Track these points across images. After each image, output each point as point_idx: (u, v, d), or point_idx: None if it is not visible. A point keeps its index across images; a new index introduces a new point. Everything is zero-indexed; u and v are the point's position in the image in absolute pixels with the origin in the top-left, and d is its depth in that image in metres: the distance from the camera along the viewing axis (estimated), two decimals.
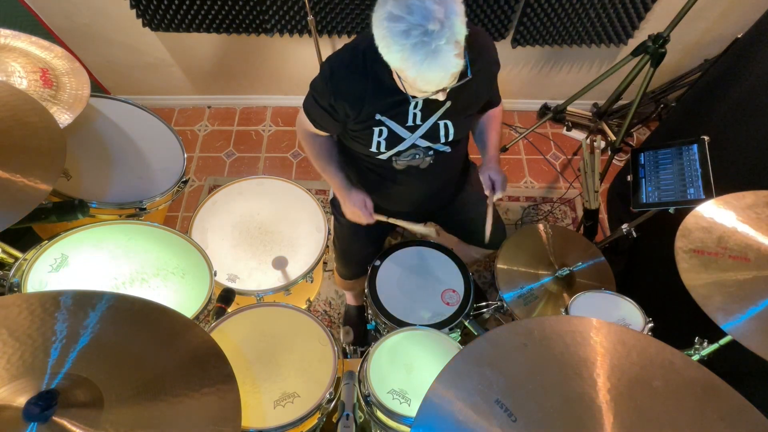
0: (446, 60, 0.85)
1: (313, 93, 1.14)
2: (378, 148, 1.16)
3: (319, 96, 1.12)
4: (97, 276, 1.11)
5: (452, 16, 0.83)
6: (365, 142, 1.16)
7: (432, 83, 0.92)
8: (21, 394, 0.62)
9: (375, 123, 1.12)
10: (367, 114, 1.11)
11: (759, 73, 1.41)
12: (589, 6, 2.01)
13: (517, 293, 1.38)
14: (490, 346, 0.69)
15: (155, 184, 1.39)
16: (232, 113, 2.66)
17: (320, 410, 1.07)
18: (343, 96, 1.07)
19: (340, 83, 1.07)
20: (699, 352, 1.07)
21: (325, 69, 1.09)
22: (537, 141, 2.60)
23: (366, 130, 1.14)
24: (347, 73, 1.07)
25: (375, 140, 1.15)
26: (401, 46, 0.84)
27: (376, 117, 1.11)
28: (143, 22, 2.08)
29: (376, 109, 1.10)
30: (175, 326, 0.77)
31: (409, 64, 0.86)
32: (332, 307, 2.05)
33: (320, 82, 1.10)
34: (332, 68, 1.08)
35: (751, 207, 1.01)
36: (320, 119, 1.17)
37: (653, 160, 1.42)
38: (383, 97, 1.07)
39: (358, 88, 1.06)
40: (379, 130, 1.13)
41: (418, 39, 0.82)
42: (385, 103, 1.09)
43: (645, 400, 0.63)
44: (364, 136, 1.15)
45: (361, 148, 1.20)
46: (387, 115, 1.11)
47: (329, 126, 1.19)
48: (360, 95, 1.07)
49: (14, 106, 1.00)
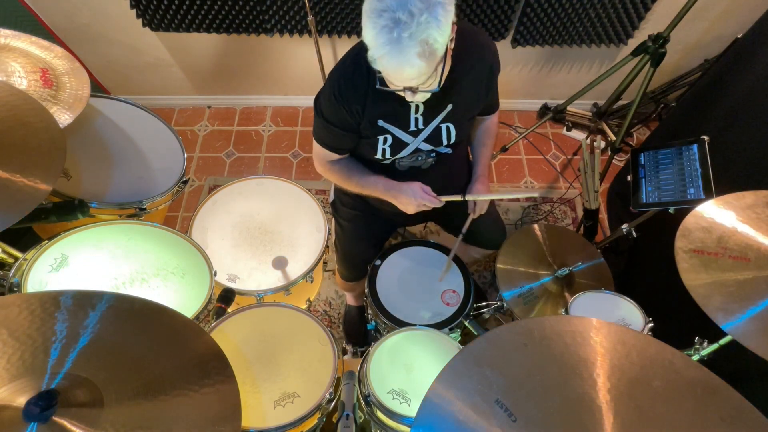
0: (405, 54, 0.85)
1: (321, 115, 1.14)
2: (383, 155, 1.18)
3: (328, 113, 1.12)
4: (97, 276, 1.11)
5: (428, 15, 0.83)
6: (371, 149, 1.18)
7: (392, 74, 0.92)
8: (21, 394, 0.62)
9: (379, 131, 1.13)
10: (370, 120, 1.11)
11: (759, 73, 1.42)
12: (589, 6, 2.01)
13: (517, 293, 1.38)
14: (490, 346, 0.69)
15: (155, 184, 1.39)
16: (232, 113, 2.66)
17: (320, 410, 1.07)
18: (353, 98, 1.08)
19: (346, 90, 1.08)
20: (699, 352, 1.07)
21: (327, 85, 1.11)
22: (537, 141, 2.60)
23: (371, 138, 1.15)
24: (349, 78, 1.08)
25: (380, 147, 1.17)
26: (373, 24, 0.85)
27: (378, 123, 1.12)
28: (143, 22, 2.08)
29: (377, 113, 1.11)
30: (175, 326, 0.77)
31: (374, 45, 0.87)
32: (332, 307, 2.05)
33: (326, 100, 1.11)
34: (338, 78, 1.09)
35: (751, 207, 1.01)
36: (335, 141, 1.18)
37: (653, 160, 1.42)
38: (383, 100, 1.08)
39: (361, 90, 1.07)
40: (384, 138, 1.15)
41: (386, 23, 0.83)
42: (385, 106, 1.10)
43: (645, 400, 0.62)
44: (370, 143, 1.17)
45: (368, 154, 1.21)
46: (389, 121, 1.12)
47: (345, 141, 1.19)
48: (364, 96, 1.08)
49: (14, 106, 1.00)
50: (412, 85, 0.94)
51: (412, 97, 0.98)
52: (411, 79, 0.91)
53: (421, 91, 0.97)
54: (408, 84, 0.94)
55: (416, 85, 0.94)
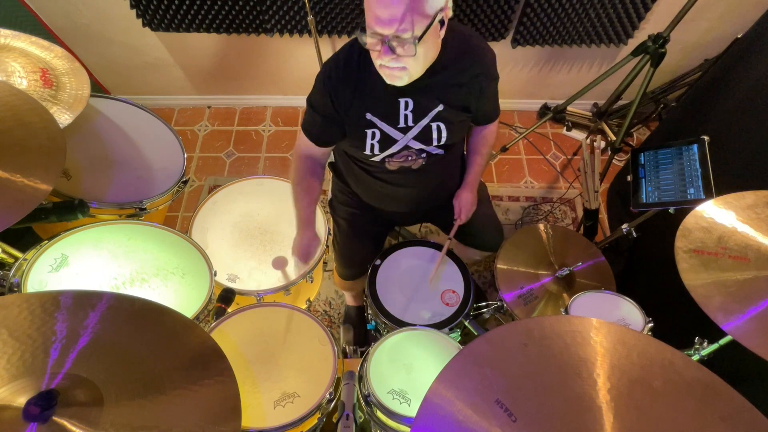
0: None
1: (309, 101, 1.18)
2: (372, 150, 1.18)
3: (315, 99, 1.16)
4: (97, 276, 1.11)
5: None
6: (359, 144, 1.18)
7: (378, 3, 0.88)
8: (21, 394, 0.62)
9: (367, 124, 1.14)
10: (358, 112, 1.13)
11: (759, 73, 1.41)
12: (589, 6, 2.01)
13: (517, 293, 1.38)
14: (490, 346, 0.69)
15: (155, 184, 1.39)
16: (232, 113, 2.66)
17: (320, 410, 1.07)
18: (342, 84, 1.10)
19: (336, 78, 1.11)
20: (699, 352, 1.07)
21: (321, 73, 1.14)
22: (537, 141, 2.60)
23: (359, 132, 1.16)
24: (340, 67, 1.11)
25: (368, 142, 1.17)
26: None
27: (366, 116, 1.13)
28: (143, 22, 2.08)
29: (366, 106, 1.12)
30: (175, 326, 0.77)
31: None
32: (332, 307, 2.05)
33: (316, 86, 1.15)
34: (329, 68, 1.12)
35: (751, 207, 1.01)
36: (316, 129, 1.21)
37: (653, 160, 1.42)
38: (372, 93, 1.10)
39: (353, 78, 1.10)
40: (372, 132, 1.15)
41: None
42: (374, 100, 1.11)
43: (645, 400, 0.62)
44: (357, 138, 1.17)
45: (355, 150, 1.22)
46: (378, 116, 1.13)
47: (325, 134, 1.21)
48: (353, 85, 1.10)
49: (14, 106, 1.00)
50: (388, 27, 0.90)
51: (387, 56, 0.94)
52: (390, 14, 0.88)
53: (398, 47, 0.93)
54: (385, 25, 0.90)
55: (393, 29, 0.90)
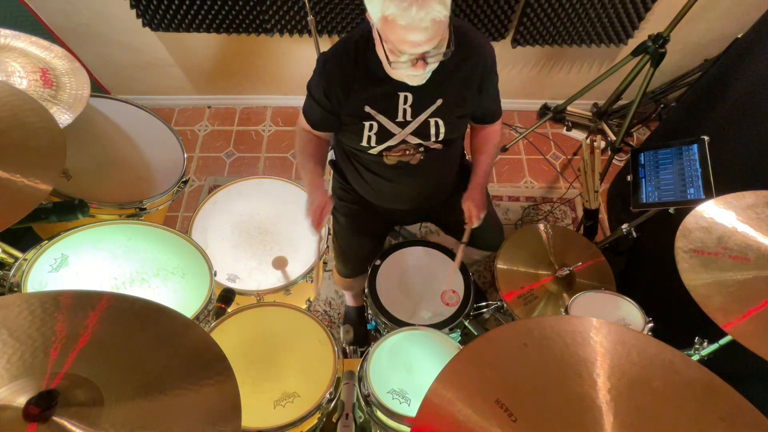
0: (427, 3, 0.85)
1: (309, 91, 1.19)
2: (369, 142, 1.18)
3: (314, 90, 1.16)
4: (97, 276, 1.11)
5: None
6: (357, 136, 1.18)
7: (409, 29, 0.89)
8: (21, 394, 0.62)
9: (365, 116, 1.14)
10: (356, 104, 1.13)
11: (759, 73, 1.41)
12: (589, 6, 2.01)
13: (517, 293, 1.37)
14: (490, 346, 0.69)
15: (155, 184, 1.39)
16: (232, 113, 2.66)
17: (320, 410, 1.07)
18: (335, 80, 1.11)
19: (331, 70, 1.11)
20: (699, 352, 1.07)
21: (318, 62, 1.14)
22: (537, 141, 2.60)
23: (357, 123, 1.16)
24: (338, 59, 1.11)
25: (366, 134, 1.17)
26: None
27: (365, 109, 1.13)
28: (143, 22, 2.08)
29: (364, 98, 1.12)
30: (175, 326, 0.77)
31: (389, 3, 0.86)
32: (332, 307, 2.05)
33: (314, 76, 1.16)
34: (326, 58, 1.13)
35: (751, 207, 1.00)
36: (313, 114, 1.21)
37: (653, 160, 1.42)
38: (371, 86, 1.10)
39: (348, 72, 1.10)
40: (370, 124, 1.15)
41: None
42: (373, 93, 1.11)
43: (645, 400, 0.62)
44: (355, 129, 1.17)
45: (353, 142, 1.22)
46: (376, 108, 1.13)
47: (320, 120, 1.22)
48: (349, 80, 1.10)
49: (14, 106, 1.00)
50: (425, 46, 0.92)
51: (423, 69, 0.97)
52: (426, 36, 0.90)
53: (432, 58, 0.95)
54: (421, 45, 0.92)
55: (430, 47, 0.92)
